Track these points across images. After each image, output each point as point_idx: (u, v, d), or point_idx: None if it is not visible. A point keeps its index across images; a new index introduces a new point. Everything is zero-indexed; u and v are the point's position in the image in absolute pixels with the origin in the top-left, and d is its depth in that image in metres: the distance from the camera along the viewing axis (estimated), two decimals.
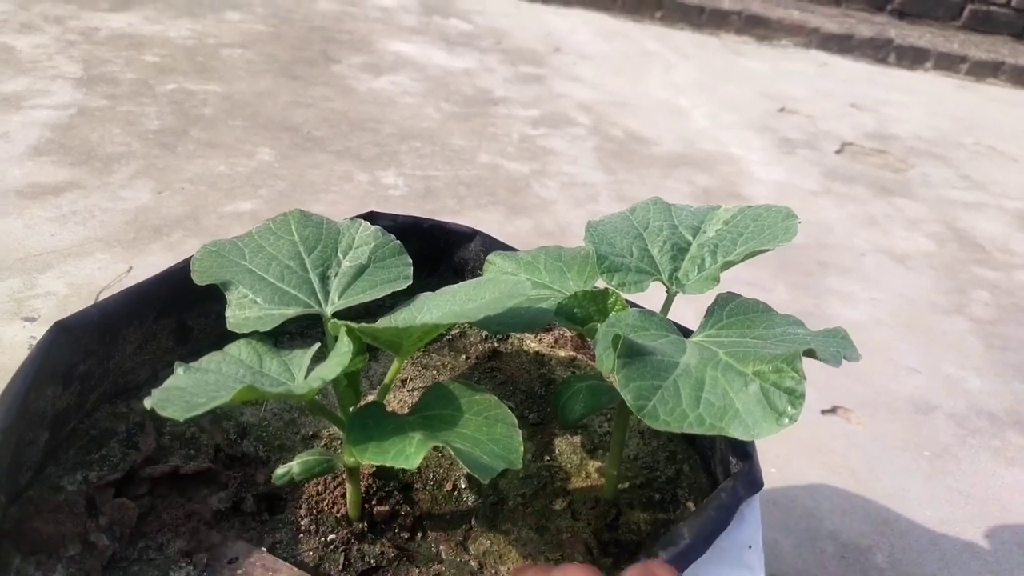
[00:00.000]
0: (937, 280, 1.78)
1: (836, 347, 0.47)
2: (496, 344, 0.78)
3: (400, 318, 0.51)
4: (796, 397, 0.43)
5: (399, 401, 0.70)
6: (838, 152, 2.48)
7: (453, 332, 0.79)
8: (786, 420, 0.43)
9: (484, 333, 0.79)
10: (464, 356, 0.76)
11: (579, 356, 0.77)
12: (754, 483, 0.57)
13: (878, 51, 3.80)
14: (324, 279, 0.57)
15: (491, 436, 0.48)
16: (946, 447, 1.25)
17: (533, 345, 0.78)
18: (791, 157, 2.36)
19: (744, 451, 0.59)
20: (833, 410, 1.29)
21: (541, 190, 1.87)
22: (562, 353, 0.78)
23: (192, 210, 1.55)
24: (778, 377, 0.44)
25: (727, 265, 0.54)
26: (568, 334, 0.78)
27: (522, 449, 0.48)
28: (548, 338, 0.79)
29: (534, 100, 2.48)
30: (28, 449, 0.54)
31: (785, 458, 1.15)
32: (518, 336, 0.79)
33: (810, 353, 0.45)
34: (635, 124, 2.42)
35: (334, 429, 0.66)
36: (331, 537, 0.56)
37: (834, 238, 1.90)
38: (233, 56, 2.42)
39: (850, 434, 1.25)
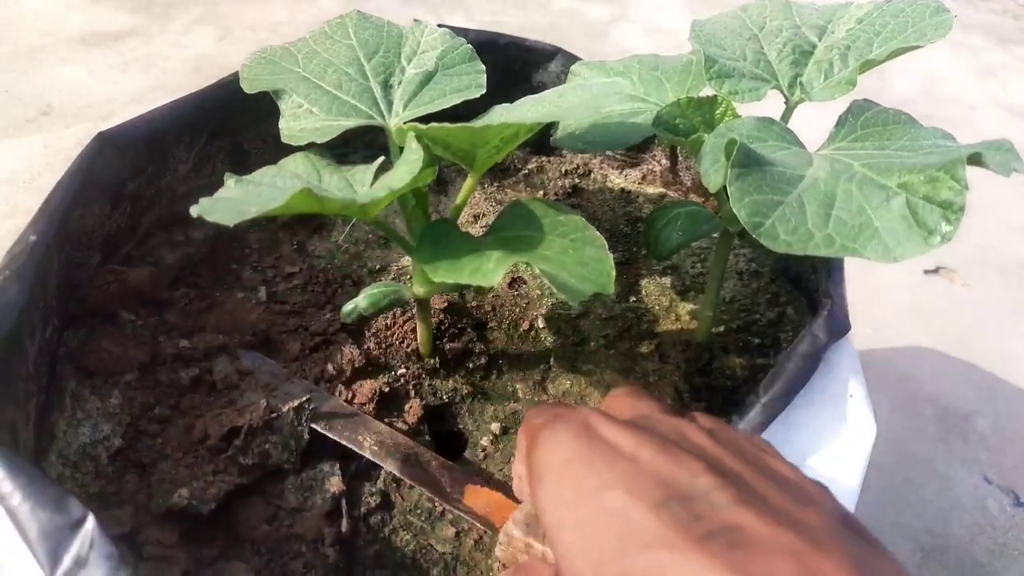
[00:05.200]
0: None
1: (1004, 156, 0.38)
2: (577, 180, 0.71)
3: (477, 122, 0.44)
4: (953, 211, 0.35)
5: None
6: None
7: (529, 166, 0.72)
8: (937, 239, 0.36)
9: (563, 167, 0.71)
10: (542, 192, 0.70)
11: (670, 192, 0.70)
12: (837, 327, 0.50)
13: None
14: (387, 88, 0.50)
15: (579, 259, 0.42)
16: None
17: (618, 181, 0.71)
18: None
19: (828, 291, 0.52)
20: (936, 270, 1.19)
21: (621, 38, 1.73)
22: (650, 190, 0.70)
23: None
24: (931, 188, 0.36)
25: (867, 66, 0.45)
26: (657, 168, 0.71)
27: (613, 273, 0.41)
28: (635, 173, 0.71)
29: None
30: (78, 272, 0.50)
31: (882, 319, 1.07)
32: (601, 171, 0.72)
33: (976, 159, 0.37)
34: None
35: (403, 263, 0.61)
36: (401, 371, 0.52)
37: (945, 89, 1.73)
38: None
39: (954, 296, 1.15)
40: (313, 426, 0.47)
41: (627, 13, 1.83)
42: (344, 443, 0.47)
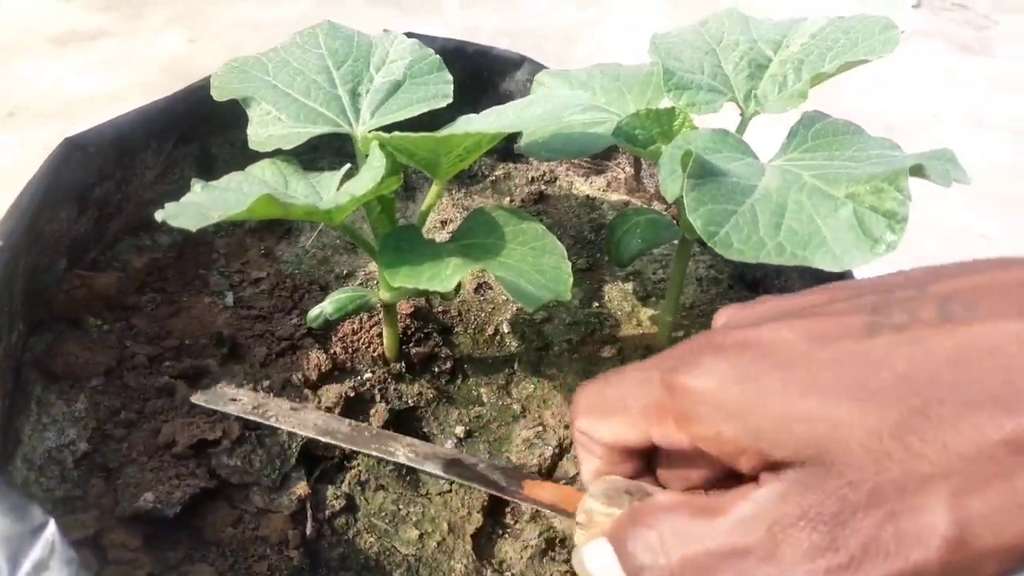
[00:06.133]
0: (1019, 144, 1.65)
1: (944, 167, 0.40)
2: (543, 187, 0.72)
3: (442, 132, 0.45)
4: (897, 221, 0.37)
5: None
6: (915, 7, 2.28)
7: (496, 173, 0.73)
8: (882, 248, 0.37)
9: (530, 174, 0.73)
10: (508, 198, 0.71)
11: (633, 200, 0.71)
12: None
13: None
14: (355, 96, 0.51)
15: (537, 266, 0.43)
16: None
17: (583, 188, 0.72)
18: (864, 11, 2.17)
19: None
20: None
21: (597, 41, 1.75)
22: (614, 196, 0.72)
23: (227, 57, 1.47)
24: (876, 199, 0.38)
25: (818, 78, 0.47)
26: (622, 176, 0.72)
27: (571, 280, 0.43)
28: (599, 180, 0.73)
29: None
30: (45, 277, 0.50)
31: None
32: (567, 178, 0.73)
33: (918, 170, 0.38)
34: None
35: (370, 268, 0.62)
36: (367, 376, 0.53)
37: (907, 98, 1.76)
38: None
39: None
40: (332, 442, 0.46)
41: (604, 16, 1.85)
42: (376, 454, 0.45)
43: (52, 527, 0.34)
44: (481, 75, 0.70)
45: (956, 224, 1.36)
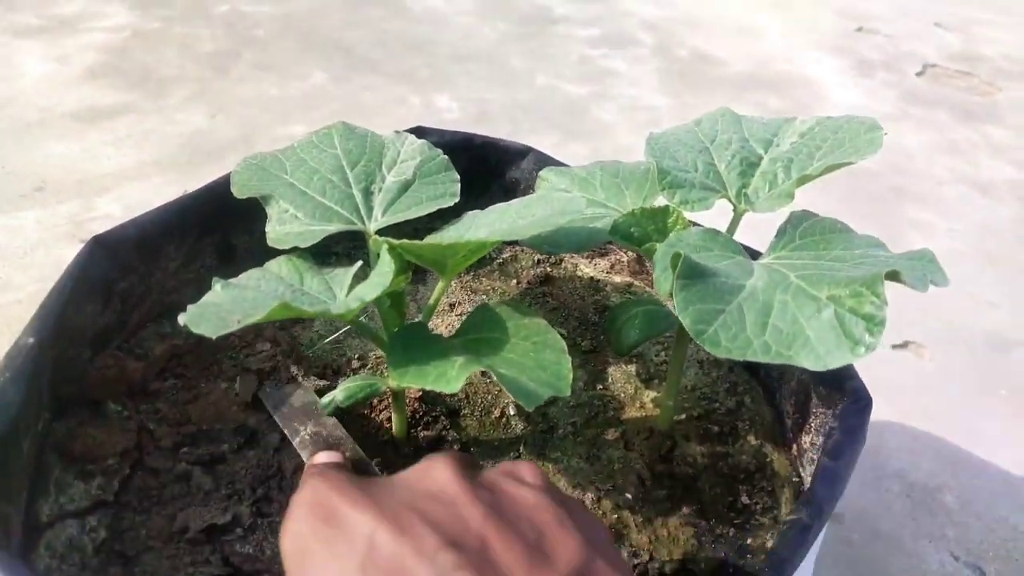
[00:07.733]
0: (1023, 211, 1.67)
1: (922, 270, 0.42)
2: (549, 269, 0.75)
3: (446, 236, 0.48)
4: (875, 324, 0.39)
5: (447, 325, 0.67)
6: (919, 74, 2.33)
7: (504, 256, 0.76)
8: (862, 349, 0.39)
9: (536, 257, 0.75)
10: (515, 280, 0.73)
11: (636, 282, 0.74)
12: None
13: None
14: (367, 194, 0.54)
15: (538, 362, 0.45)
16: None
17: (587, 270, 0.75)
18: (868, 80, 2.22)
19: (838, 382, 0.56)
20: (904, 345, 1.23)
21: (600, 113, 1.80)
22: (618, 279, 0.74)
23: (245, 133, 1.53)
24: (856, 302, 0.40)
25: (803, 180, 0.49)
26: (624, 259, 0.75)
27: (571, 376, 0.45)
28: (603, 263, 0.75)
29: (595, 19, 2.38)
30: (69, 366, 0.53)
31: None
32: (572, 261, 0.76)
33: (894, 276, 0.40)
34: (703, 43, 2.30)
35: (381, 352, 0.64)
36: (376, 460, 0.55)
37: (912, 165, 1.79)
38: None
39: (922, 371, 1.18)
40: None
41: (606, 91, 1.91)
42: (282, 427, 0.51)
43: None
44: (489, 163, 0.73)
45: (968, 290, 1.37)
